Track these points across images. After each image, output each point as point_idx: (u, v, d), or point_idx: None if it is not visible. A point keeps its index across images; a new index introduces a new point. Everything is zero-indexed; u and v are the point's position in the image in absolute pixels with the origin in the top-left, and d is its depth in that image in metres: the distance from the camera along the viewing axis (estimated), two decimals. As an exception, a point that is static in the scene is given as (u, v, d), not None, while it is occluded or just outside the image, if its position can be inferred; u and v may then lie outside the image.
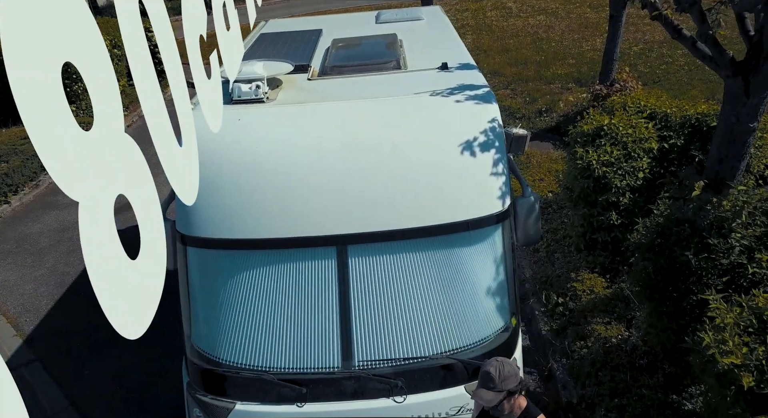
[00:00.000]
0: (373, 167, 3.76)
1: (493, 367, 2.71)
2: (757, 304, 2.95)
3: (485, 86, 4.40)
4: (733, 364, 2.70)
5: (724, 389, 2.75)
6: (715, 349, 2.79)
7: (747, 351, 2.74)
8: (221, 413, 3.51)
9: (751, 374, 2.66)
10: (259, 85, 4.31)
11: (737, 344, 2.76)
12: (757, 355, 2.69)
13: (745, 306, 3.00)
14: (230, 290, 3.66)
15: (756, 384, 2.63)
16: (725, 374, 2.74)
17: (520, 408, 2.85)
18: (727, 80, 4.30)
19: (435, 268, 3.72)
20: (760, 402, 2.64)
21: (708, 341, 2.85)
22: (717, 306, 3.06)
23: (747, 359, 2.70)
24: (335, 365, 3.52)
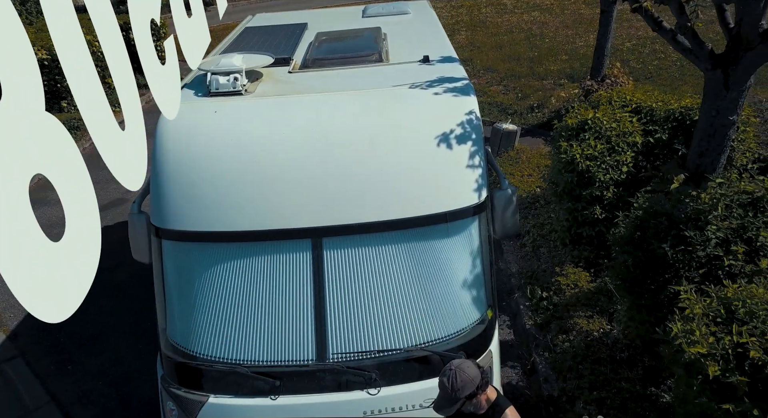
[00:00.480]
0: (349, 159, 3.75)
1: (446, 377, 2.71)
2: (726, 294, 2.94)
3: (464, 78, 4.39)
4: (699, 353, 2.70)
5: (691, 379, 2.75)
6: (683, 339, 2.78)
7: (714, 341, 2.73)
8: (194, 407, 3.50)
9: (717, 364, 2.65)
10: (237, 77, 4.29)
11: (704, 333, 2.76)
12: (724, 344, 2.69)
13: (714, 297, 3.00)
14: (204, 282, 3.65)
15: (721, 373, 2.62)
16: (692, 364, 2.74)
17: (489, 402, 2.84)
18: (706, 73, 4.29)
19: (411, 260, 3.71)
20: (726, 391, 2.63)
21: (676, 331, 2.85)
22: (687, 297, 3.05)
23: (713, 348, 2.69)
24: (310, 357, 3.51)
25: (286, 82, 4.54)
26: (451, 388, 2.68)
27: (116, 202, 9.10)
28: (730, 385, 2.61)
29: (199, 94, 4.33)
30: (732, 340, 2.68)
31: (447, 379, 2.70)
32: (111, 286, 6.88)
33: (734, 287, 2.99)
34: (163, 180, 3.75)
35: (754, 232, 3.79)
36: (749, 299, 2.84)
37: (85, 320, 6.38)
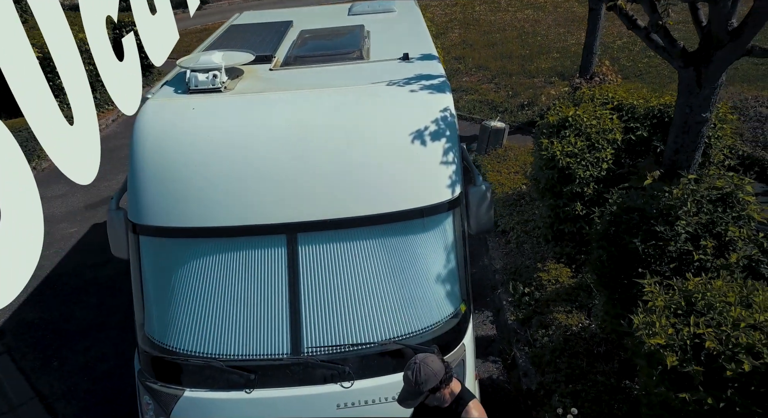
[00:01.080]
0: (325, 156, 3.80)
1: (411, 371, 2.76)
2: (687, 287, 3.00)
3: (442, 76, 4.44)
4: (659, 345, 2.75)
5: (651, 369, 2.80)
6: (644, 331, 2.84)
7: (673, 332, 2.79)
8: (170, 400, 3.55)
9: (675, 354, 2.71)
10: (216, 74, 4.34)
11: (664, 325, 2.81)
12: (682, 336, 2.74)
13: (676, 289, 3.05)
14: (181, 278, 3.70)
15: (679, 363, 2.68)
16: (652, 355, 2.79)
17: (453, 395, 2.89)
18: (680, 71, 4.35)
19: (385, 255, 3.76)
20: (683, 380, 2.69)
21: (637, 323, 2.90)
22: (651, 290, 3.11)
23: (671, 339, 2.75)
24: (284, 351, 3.57)
25: (266, 80, 4.59)
26: (414, 381, 2.73)
27: (107, 199, 9.14)
28: (687, 375, 2.67)
29: (178, 91, 4.38)
30: (690, 331, 2.74)
31: (411, 372, 2.76)
32: (98, 282, 6.94)
33: (696, 281, 3.05)
34: (139, 176, 3.79)
35: (723, 227, 3.85)
36: (708, 292, 2.90)
37: (72, 316, 6.43)
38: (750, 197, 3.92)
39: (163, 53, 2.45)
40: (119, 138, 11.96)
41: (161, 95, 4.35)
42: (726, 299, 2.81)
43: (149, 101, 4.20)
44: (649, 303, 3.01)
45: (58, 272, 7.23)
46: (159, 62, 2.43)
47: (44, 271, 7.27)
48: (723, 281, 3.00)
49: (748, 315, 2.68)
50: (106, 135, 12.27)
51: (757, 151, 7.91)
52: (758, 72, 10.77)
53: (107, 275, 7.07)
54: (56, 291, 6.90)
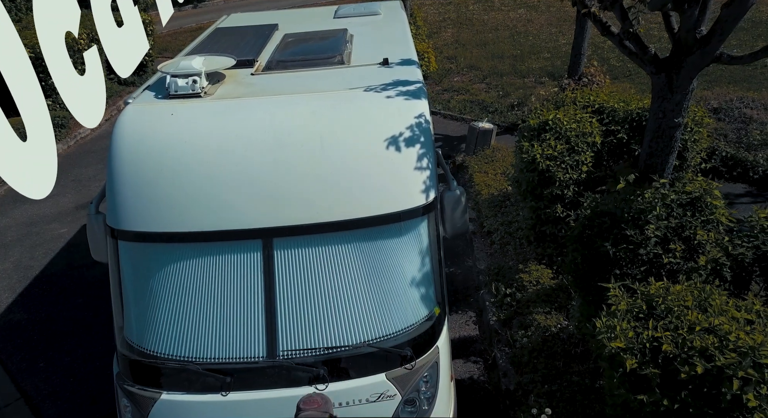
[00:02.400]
0: (300, 161, 3.86)
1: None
2: (649, 291, 3.07)
3: (419, 82, 4.50)
4: (619, 348, 2.82)
5: (613, 371, 2.88)
6: (605, 334, 2.91)
7: (633, 335, 2.86)
8: (147, 403, 3.62)
9: (634, 357, 2.78)
10: (196, 79, 4.39)
11: (625, 328, 2.89)
12: (642, 339, 2.82)
13: (639, 293, 3.13)
14: (158, 282, 3.76)
15: (638, 366, 2.75)
16: (613, 357, 2.86)
17: None
18: (652, 77, 4.41)
19: (360, 259, 3.83)
20: (642, 382, 2.76)
21: (600, 326, 2.98)
22: (614, 294, 3.18)
23: (631, 343, 2.82)
24: (260, 354, 3.63)
25: (246, 84, 4.64)
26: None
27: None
28: (646, 377, 2.74)
29: (159, 96, 4.43)
30: (649, 334, 2.81)
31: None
32: (85, 283, 7.00)
33: (657, 285, 3.12)
34: (117, 181, 3.85)
35: (691, 231, 3.92)
36: (669, 296, 2.97)
37: (58, 317, 6.50)
38: (718, 201, 3.99)
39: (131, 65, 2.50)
40: (111, 138, 11.99)
41: (141, 100, 4.40)
42: (684, 304, 2.88)
43: (129, 107, 4.26)
44: (612, 307, 3.09)
45: (48, 273, 7.29)
46: (125, 74, 2.48)
47: (33, 271, 7.33)
48: (683, 285, 3.07)
49: (703, 319, 2.75)
50: (98, 134, 12.32)
51: (741, 152, 7.99)
52: (744, 73, 10.85)
53: (95, 275, 7.13)
54: (44, 292, 6.96)
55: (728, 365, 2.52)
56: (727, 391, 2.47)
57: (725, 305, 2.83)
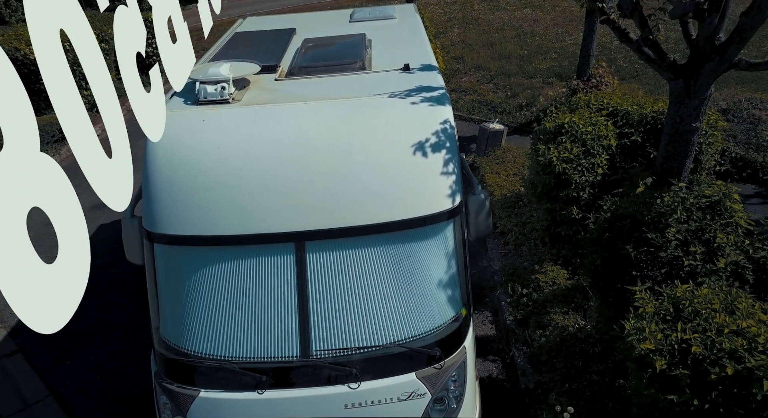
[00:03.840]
0: (329, 167, 3.97)
1: None
2: (676, 294, 3.18)
3: (441, 88, 4.60)
4: (648, 349, 2.93)
5: (641, 372, 2.99)
6: (635, 336, 3.02)
7: (662, 337, 2.97)
8: (186, 401, 3.74)
9: (663, 358, 2.89)
10: (224, 86, 4.50)
11: (654, 330, 3.00)
12: (670, 341, 2.93)
13: (665, 296, 3.24)
14: (194, 284, 3.88)
15: (667, 367, 2.86)
16: (642, 358, 2.98)
17: None
18: (670, 83, 4.52)
19: (389, 262, 3.94)
20: (671, 383, 2.87)
21: (629, 328, 3.09)
22: (641, 296, 3.29)
23: (660, 344, 2.93)
24: (294, 354, 3.75)
25: (271, 90, 4.75)
26: None
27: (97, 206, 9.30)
28: (675, 378, 2.85)
29: (188, 103, 4.53)
30: (678, 337, 2.92)
31: None
32: (106, 282, 7.11)
33: (683, 288, 3.23)
34: (153, 187, 3.96)
35: (711, 234, 4.03)
36: (696, 299, 3.08)
37: (82, 316, 6.61)
38: (737, 205, 4.10)
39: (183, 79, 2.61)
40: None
41: (172, 107, 4.51)
42: (711, 306, 2.99)
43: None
44: (640, 309, 3.20)
45: (67, 274, 7.40)
46: (179, 87, 2.59)
47: (53, 272, 7.44)
48: (709, 288, 3.18)
49: (731, 321, 2.86)
50: (109, 135, 12.42)
51: (750, 153, 8.10)
52: (752, 75, 10.94)
53: (114, 275, 7.24)
54: (65, 292, 7.07)
55: (758, 366, 2.63)
56: (758, 392, 2.58)
57: (751, 308, 2.94)
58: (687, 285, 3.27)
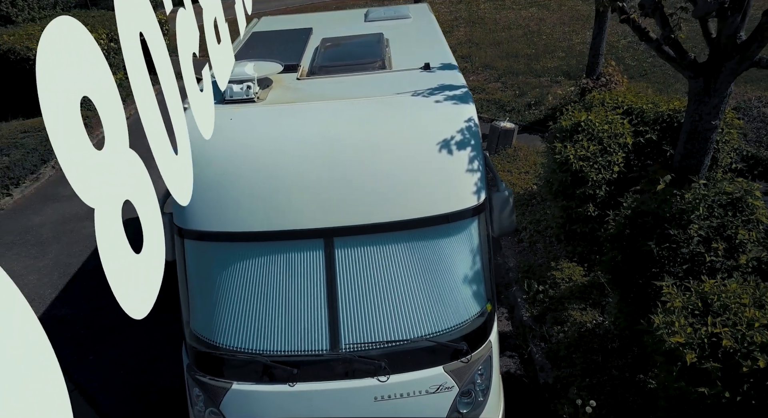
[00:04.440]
0: (357, 164, 4.03)
1: None
2: (703, 289, 3.25)
3: (464, 87, 4.66)
4: (678, 343, 3.00)
5: (671, 366, 3.05)
6: (664, 330, 3.08)
7: (691, 331, 3.03)
8: (219, 393, 3.81)
9: (693, 352, 2.96)
10: (250, 85, 4.56)
11: (683, 325, 3.06)
12: (700, 334, 2.99)
13: (693, 291, 3.30)
14: (225, 279, 3.94)
15: (698, 360, 2.93)
16: (672, 352, 3.04)
17: None
18: (689, 81, 4.58)
19: (415, 258, 4.01)
20: (701, 376, 2.94)
21: (658, 322, 3.15)
22: (668, 291, 3.35)
23: (690, 338, 2.99)
24: (324, 347, 3.82)
25: (294, 89, 4.81)
26: None
27: (125, 199, 9.37)
28: (705, 371, 2.92)
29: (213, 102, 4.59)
30: (707, 330, 2.98)
31: None
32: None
33: (711, 283, 3.30)
34: None
35: (733, 230, 4.09)
36: (723, 293, 3.14)
37: (101, 312, 6.68)
38: (758, 202, 4.16)
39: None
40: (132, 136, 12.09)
41: None
42: (740, 301, 3.06)
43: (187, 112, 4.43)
44: (668, 304, 3.26)
45: (85, 269, 7.48)
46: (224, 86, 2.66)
47: (72, 268, 7.52)
48: (737, 283, 3.24)
49: (761, 315, 2.93)
50: (120, 134, 12.48)
51: (761, 152, 8.15)
52: (762, 72, 10.98)
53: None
54: (84, 288, 7.14)
55: (789, 358, 2.70)
56: (789, 383, 2.64)
57: (780, 302, 3.00)
58: (714, 280, 3.34)
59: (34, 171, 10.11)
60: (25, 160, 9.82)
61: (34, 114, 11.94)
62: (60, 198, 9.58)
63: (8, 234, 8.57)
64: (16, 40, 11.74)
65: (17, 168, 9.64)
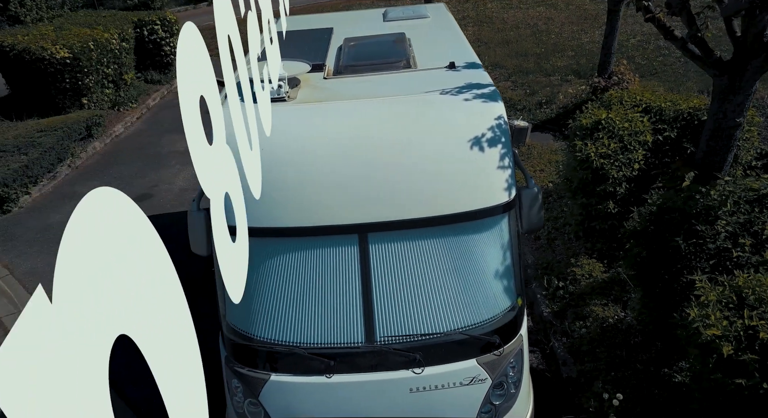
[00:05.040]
0: (390, 162, 4.11)
1: None
2: (737, 283, 3.32)
3: (491, 85, 4.74)
4: (714, 335, 3.07)
5: (707, 358, 3.13)
6: (700, 323, 3.16)
7: (727, 324, 3.11)
8: (258, 384, 3.89)
9: (730, 344, 3.03)
10: (281, 84, 4.64)
11: (719, 318, 3.14)
12: (736, 327, 3.06)
13: (726, 285, 3.37)
14: (263, 273, 4.03)
15: (734, 352, 3.00)
16: (708, 345, 3.11)
17: None
18: (714, 79, 4.65)
19: (448, 253, 4.09)
20: (738, 368, 3.01)
21: (693, 315, 3.23)
22: (702, 285, 3.43)
23: (726, 330, 3.07)
24: (359, 340, 3.90)
25: (322, 89, 4.89)
26: None
27: (142, 197, 9.46)
28: (742, 362, 2.99)
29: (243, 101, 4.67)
30: (743, 323, 3.06)
31: None
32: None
33: (744, 276, 3.37)
34: None
35: (759, 226, 4.16)
36: (758, 287, 3.22)
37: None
38: (784, 199, 4.23)
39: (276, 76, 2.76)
40: (144, 136, 12.25)
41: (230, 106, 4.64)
42: (775, 294, 3.13)
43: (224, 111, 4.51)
44: (702, 297, 3.34)
45: (107, 267, 7.56)
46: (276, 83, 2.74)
47: (94, 266, 7.59)
48: (766, 278, 3.32)
49: (796, 308, 3.00)
50: (131, 133, 12.55)
51: (775, 150, 8.22)
52: (772, 71, 11.04)
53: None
54: (106, 285, 7.22)
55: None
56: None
57: (815, 295, 3.07)
58: (747, 275, 3.41)
59: (51, 170, 10.19)
60: (42, 159, 9.90)
61: (49, 113, 12.02)
62: (78, 196, 9.66)
63: (29, 232, 8.66)
64: (30, 41, 11.82)
65: (35, 167, 9.73)
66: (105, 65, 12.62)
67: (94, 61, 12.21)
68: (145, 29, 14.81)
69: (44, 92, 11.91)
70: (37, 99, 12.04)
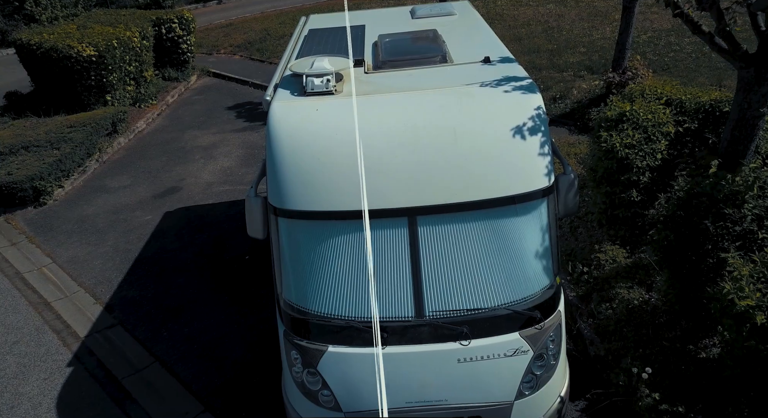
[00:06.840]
0: (437, 150, 4.38)
1: None
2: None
3: (527, 78, 5.00)
4: (748, 305, 3.34)
5: (741, 327, 3.39)
6: (735, 294, 3.43)
7: (760, 295, 3.38)
8: (317, 355, 4.18)
9: (763, 313, 3.30)
10: (329, 78, 4.92)
11: (752, 290, 3.40)
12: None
13: (758, 261, 3.64)
14: (318, 253, 4.31)
15: (767, 320, 3.27)
16: (742, 314, 3.38)
17: None
18: (740, 71, 4.91)
19: (491, 235, 4.36)
20: None
21: (728, 288, 3.49)
22: (734, 262, 3.70)
23: (760, 301, 3.34)
24: (410, 314, 4.18)
25: (366, 82, 5.16)
26: None
27: (171, 190, 9.74)
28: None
29: (295, 94, 4.95)
30: (775, 294, 3.33)
31: None
32: (181, 265, 7.57)
33: (774, 252, 3.64)
34: (278, 168, 4.39)
35: (783, 209, 4.43)
36: (787, 261, 3.49)
37: (166, 294, 7.06)
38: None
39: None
40: (166, 131, 12.53)
41: (281, 98, 4.92)
42: (805, 267, 3.39)
43: (276, 103, 4.79)
44: (734, 272, 3.61)
45: (144, 255, 7.86)
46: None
47: (132, 254, 7.89)
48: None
49: (825, 279, 3.26)
50: (153, 129, 12.82)
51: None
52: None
53: (187, 257, 7.69)
54: (147, 272, 7.52)
55: None
56: None
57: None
58: (777, 251, 3.68)
59: (81, 164, 10.49)
60: (73, 154, 10.20)
61: (74, 110, 12.31)
62: (108, 189, 9.97)
63: (66, 223, 8.95)
64: (57, 39, 12.10)
65: (67, 161, 10.02)
66: (127, 63, 12.90)
67: (117, 58, 12.49)
68: (164, 27, 15.08)
69: (70, 89, 12.19)
70: (62, 96, 12.32)
